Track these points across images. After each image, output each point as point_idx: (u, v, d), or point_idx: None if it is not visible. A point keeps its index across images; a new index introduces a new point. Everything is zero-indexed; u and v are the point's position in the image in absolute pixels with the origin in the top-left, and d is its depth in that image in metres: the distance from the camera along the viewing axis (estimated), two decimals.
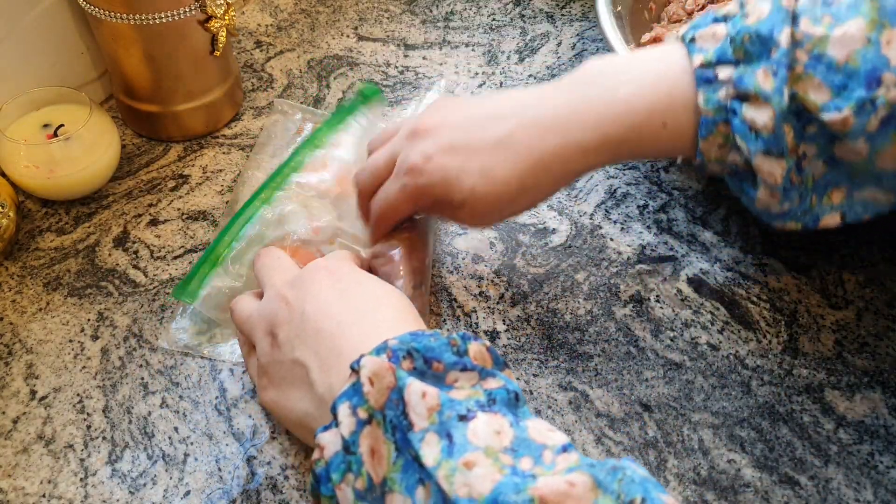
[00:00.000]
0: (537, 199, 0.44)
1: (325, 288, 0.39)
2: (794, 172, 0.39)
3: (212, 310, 0.48)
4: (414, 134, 0.44)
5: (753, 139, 0.38)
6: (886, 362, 0.49)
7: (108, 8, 0.52)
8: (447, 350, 0.33)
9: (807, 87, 0.36)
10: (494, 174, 0.41)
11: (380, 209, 0.46)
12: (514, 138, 0.41)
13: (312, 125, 0.61)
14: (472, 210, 0.42)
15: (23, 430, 0.44)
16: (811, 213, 0.41)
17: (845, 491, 0.43)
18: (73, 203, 0.57)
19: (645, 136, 0.40)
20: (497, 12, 0.75)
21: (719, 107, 0.38)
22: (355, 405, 0.32)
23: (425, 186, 0.42)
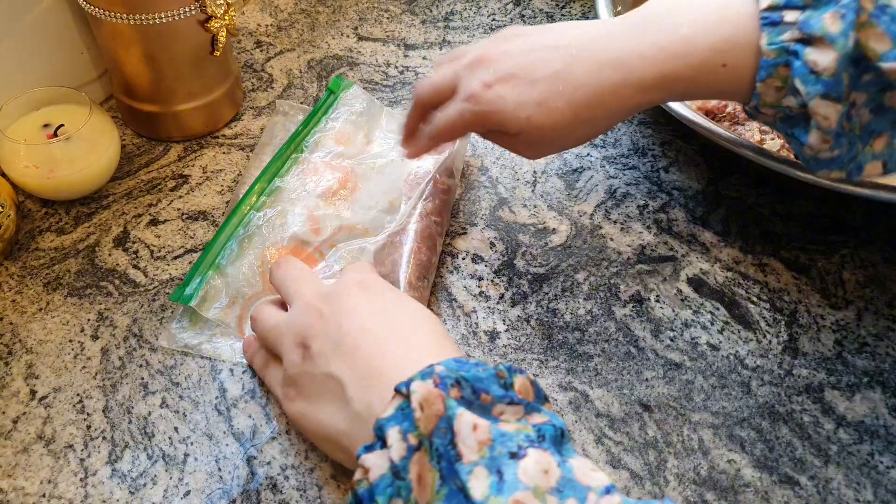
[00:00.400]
0: (591, 133, 0.45)
1: (362, 304, 0.39)
2: (845, 119, 0.39)
3: (209, 312, 0.49)
4: (478, 61, 0.45)
5: (813, 82, 0.38)
6: (886, 362, 0.49)
7: (107, 8, 0.52)
8: (495, 382, 0.33)
9: (869, 36, 0.37)
10: (550, 105, 0.42)
11: (440, 125, 0.47)
12: (572, 71, 0.42)
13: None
14: (528, 139, 0.44)
15: (23, 430, 0.44)
16: (856, 161, 0.42)
17: (845, 491, 0.43)
18: (73, 203, 0.57)
19: (703, 76, 0.41)
20: (497, 12, 0.75)
21: (782, 49, 0.39)
22: (406, 430, 0.31)
23: (483, 114, 0.44)
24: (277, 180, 0.56)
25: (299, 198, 0.55)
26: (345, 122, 0.60)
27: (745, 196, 0.59)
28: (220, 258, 0.51)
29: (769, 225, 0.57)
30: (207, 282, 0.50)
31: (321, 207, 0.55)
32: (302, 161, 0.57)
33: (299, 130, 0.59)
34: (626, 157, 0.62)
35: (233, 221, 0.53)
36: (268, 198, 0.55)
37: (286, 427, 0.45)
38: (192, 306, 0.48)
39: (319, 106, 0.61)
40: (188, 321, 0.49)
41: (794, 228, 0.57)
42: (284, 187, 0.55)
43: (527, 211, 0.57)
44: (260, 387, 0.47)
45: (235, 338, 0.48)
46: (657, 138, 0.63)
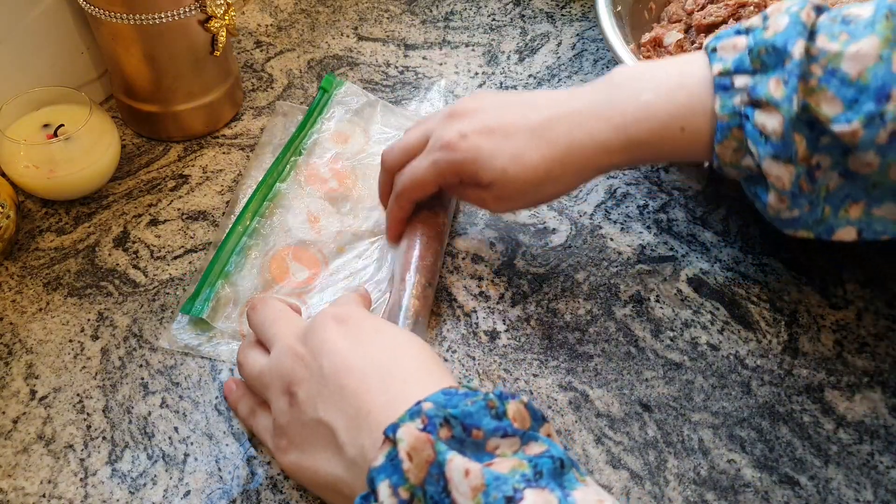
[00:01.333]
0: (559, 190, 0.46)
1: (340, 340, 0.38)
2: (805, 180, 0.40)
3: (219, 321, 0.49)
4: (451, 115, 0.46)
5: (763, 143, 0.40)
6: (886, 362, 0.49)
7: (108, 8, 0.52)
8: (486, 414, 0.32)
9: (820, 100, 0.38)
10: (525, 158, 0.44)
11: (406, 181, 0.48)
12: (546, 128, 0.44)
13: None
14: (500, 191, 0.45)
15: (23, 430, 0.44)
16: (824, 224, 0.42)
17: (845, 491, 0.43)
18: (73, 203, 0.57)
19: (664, 140, 0.43)
20: (497, 12, 0.75)
21: (734, 112, 0.41)
22: (395, 484, 0.30)
23: (457, 163, 0.45)
24: (279, 184, 0.56)
25: (301, 201, 0.55)
26: (340, 122, 0.60)
27: (745, 196, 0.59)
28: (228, 266, 0.51)
29: (769, 225, 0.57)
30: (217, 292, 0.49)
31: (321, 208, 0.55)
32: (301, 164, 0.57)
33: (297, 133, 0.59)
34: None
35: (238, 229, 0.53)
36: (270, 202, 0.55)
37: None
38: (205, 318, 0.48)
39: (314, 107, 0.61)
40: (188, 321, 0.49)
41: None
42: (286, 192, 0.55)
43: (527, 211, 0.57)
44: None
45: (235, 338, 0.48)
46: None
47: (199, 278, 0.51)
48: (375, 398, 0.35)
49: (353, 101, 0.62)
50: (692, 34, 0.65)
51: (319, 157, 0.58)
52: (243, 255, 0.52)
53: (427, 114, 0.64)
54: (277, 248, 0.52)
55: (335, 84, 0.63)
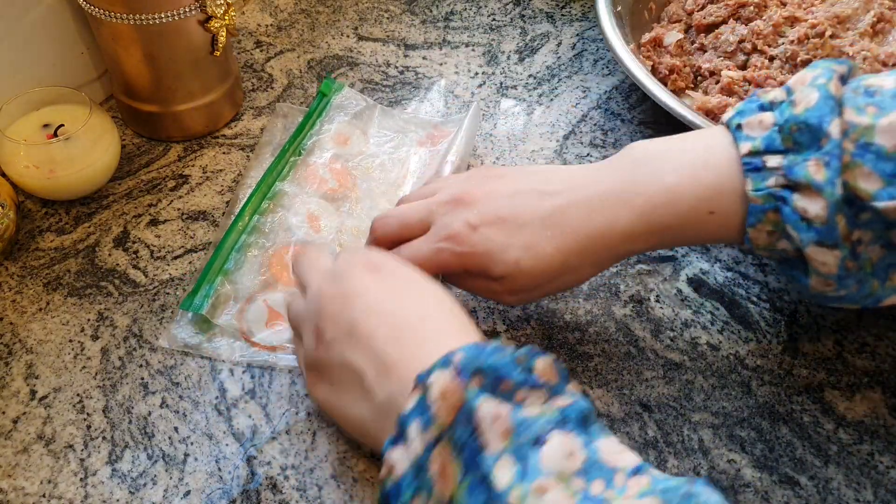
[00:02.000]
0: (578, 279, 0.44)
1: (370, 286, 0.38)
2: (850, 259, 0.38)
3: (219, 319, 0.49)
4: (458, 201, 0.43)
5: (805, 229, 0.37)
6: (886, 362, 0.49)
7: (108, 8, 0.52)
8: (514, 368, 0.32)
9: (856, 176, 0.36)
10: (540, 250, 0.41)
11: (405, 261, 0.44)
12: (562, 216, 0.41)
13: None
14: (512, 285, 0.42)
15: (23, 430, 0.44)
16: (872, 297, 0.40)
17: (845, 491, 0.43)
18: (73, 203, 0.57)
19: (691, 224, 0.40)
20: (497, 12, 0.75)
21: (768, 195, 0.38)
22: (424, 423, 0.31)
23: (465, 255, 0.42)
24: (278, 184, 0.56)
25: (300, 200, 0.55)
26: (339, 124, 0.61)
27: None
28: (228, 264, 0.51)
29: None
30: (216, 289, 0.50)
31: (321, 208, 0.55)
32: (300, 164, 0.57)
33: (296, 133, 0.59)
34: None
35: (237, 227, 0.53)
36: (270, 201, 0.55)
37: (286, 427, 0.45)
38: (204, 314, 0.48)
39: (313, 109, 0.61)
40: (188, 320, 0.49)
41: None
42: (286, 191, 0.56)
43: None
44: (260, 387, 0.47)
45: (235, 337, 0.49)
46: None
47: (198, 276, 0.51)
48: (405, 347, 0.35)
49: (351, 104, 0.62)
50: (692, 34, 0.65)
51: (319, 158, 0.58)
52: (243, 253, 0.52)
53: (427, 114, 0.64)
54: (277, 246, 0.53)
55: (334, 88, 0.63)
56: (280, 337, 0.48)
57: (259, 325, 0.49)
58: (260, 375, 0.47)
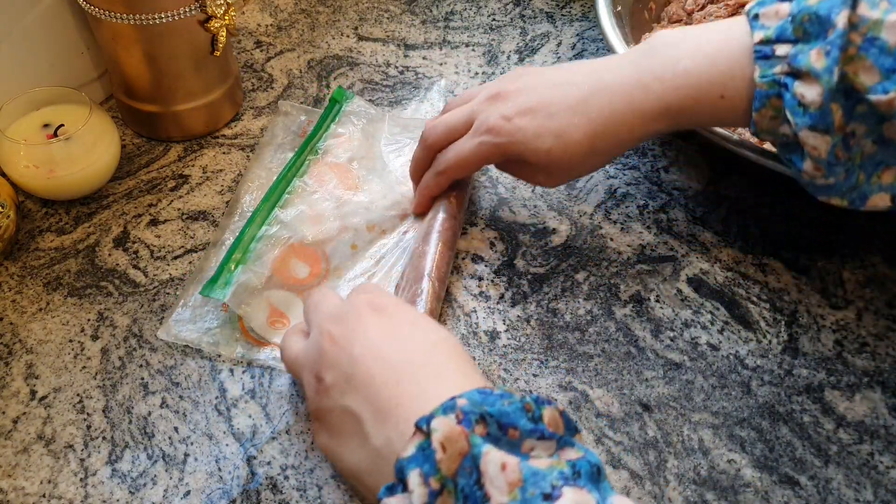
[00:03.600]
0: (603, 161, 0.48)
1: (374, 329, 0.37)
2: (841, 148, 0.40)
3: (238, 305, 0.49)
4: (495, 97, 0.47)
5: (801, 114, 0.40)
6: (886, 362, 0.49)
7: (108, 8, 0.52)
8: (522, 416, 0.31)
9: (858, 69, 0.38)
10: (569, 137, 0.45)
11: (451, 160, 0.49)
12: (587, 103, 0.45)
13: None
14: (547, 169, 0.47)
15: (23, 430, 0.44)
16: (858, 190, 0.42)
17: (845, 491, 0.43)
18: (73, 203, 0.57)
19: (703, 106, 0.43)
20: (497, 12, 0.75)
21: (773, 81, 0.41)
22: (427, 473, 0.29)
23: (503, 145, 0.46)
24: (297, 180, 0.56)
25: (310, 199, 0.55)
26: (353, 129, 0.61)
27: (745, 196, 0.59)
28: (248, 254, 0.51)
29: (769, 225, 0.57)
30: (237, 277, 0.49)
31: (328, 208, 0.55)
32: (314, 164, 0.58)
33: (313, 133, 0.59)
34: (626, 157, 0.62)
35: (256, 220, 0.53)
36: (289, 196, 0.55)
37: (286, 427, 0.45)
38: (226, 301, 0.48)
39: (327, 114, 0.61)
40: (188, 315, 0.49)
41: (794, 228, 0.57)
42: (304, 187, 0.56)
43: (527, 211, 0.57)
44: (260, 387, 0.47)
45: (232, 334, 0.48)
46: (657, 138, 0.63)
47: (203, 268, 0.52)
48: (405, 391, 0.34)
49: (360, 115, 0.62)
50: None
51: (334, 159, 0.58)
52: (261, 244, 0.52)
53: (426, 115, 0.64)
54: (288, 240, 0.53)
55: (346, 97, 0.62)
56: (280, 336, 0.48)
57: (260, 322, 0.49)
58: (260, 375, 0.47)
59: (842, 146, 0.40)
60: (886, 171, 0.42)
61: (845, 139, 0.40)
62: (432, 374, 0.35)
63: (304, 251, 0.52)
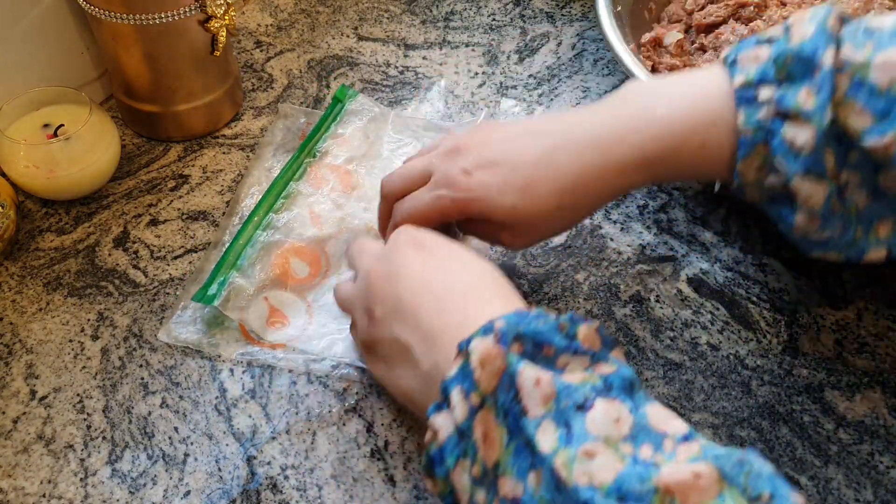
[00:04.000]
0: (576, 218, 0.45)
1: (416, 262, 0.39)
2: (836, 199, 0.38)
3: (231, 311, 0.49)
4: (455, 151, 0.44)
5: (793, 159, 0.37)
6: (886, 362, 0.49)
7: (108, 8, 0.52)
8: (556, 333, 0.32)
9: (848, 113, 0.36)
10: (535, 191, 0.42)
11: (406, 212, 0.45)
12: (554, 155, 0.42)
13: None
14: (512, 228, 0.43)
15: (23, 430, 0.44)
16: (856, 246, 0.40)
17: (845, 491, 0.43)
18: (73, 203, 0.57)
19: (683, 157, 0.40)
20: (497, 12, 0.75)
21: (759, 126, 0.38)
22: (467, 389, 0.31)
23: (461, 201, 0.42)
24: (293, 184, 0.56)
25: (310, 200, 0.55)
26: (354, 129, 0.61)
27: None
28: (241, 259, 0.51)
29: (769, 225, 0.57)
30: (230, 282, 0.50)
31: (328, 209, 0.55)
32: (313, 166, 0.58)
33: (311, 135, 0.60)
34: None
35: (252, 222, 0.53)
36: (285, 200, 0.55)
37: (286, 427, 0.45)
38: (216, 306, 0.48)
39: (328, 114, 0.61)
40: (189, 317, 0.49)
41: None
42: (300, 191, 0.56)
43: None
44: (260, 387, 0.47)
45: (232, 334, 0.48)
46: None
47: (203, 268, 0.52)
48: (449, 318, 0.36)
49: (365, 111, 0.62)
50: (692, 34, 0.65)
51: (332, 160, 0.58)
52: (255, 249, 0.52)
53: (426, 115, 0.64)
54: (283, 245, 0.53)
55: (349, 95, 0.63)
56: (280, 335, 0.48)
57: (260, 323, 0.49)
58: (260, 375, 0.47)
59: (836, 197, 0.38)
60: (882, 225, 0.39)
61: (840, 189, 0.38)
62: (474, 302, 0.37)
63: (303, 251, 0.53)
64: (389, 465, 0.43)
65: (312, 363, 0.47)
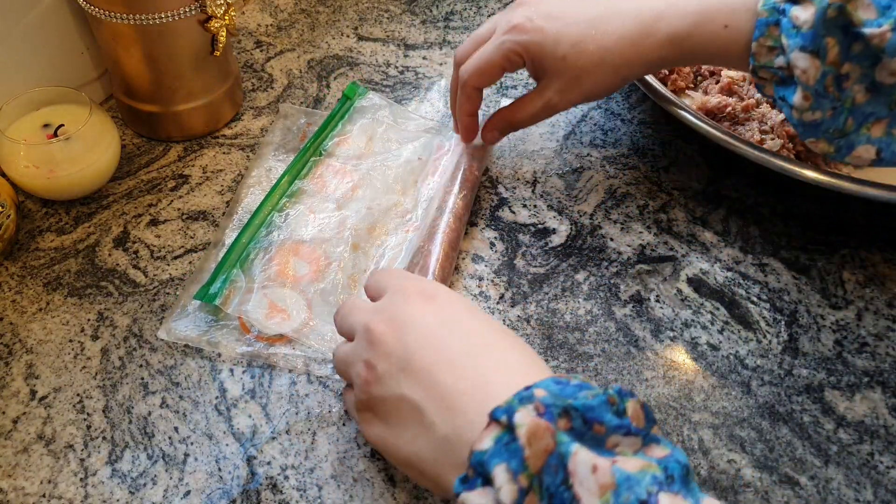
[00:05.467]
0: (612, 79, 0.50)
1: (427, 314, 0.37)
2: (833, 85, 0.43)
3: (233, 309, 0.49)
4: (517, 4, 0.51)
5: (794, 35, 0.43)
6: (886, 362, 0.49)
7: (108, 8, 0.52)
8: (607, 410, 0.30)
9: (857, 6, 0.41)
10: (584, 46, 0.48)
11: (474, 65, 0.51)
12: (603, 20, 0.48)
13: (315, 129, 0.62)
14: (560, 80, 0.50)
15: (23, 430, 0.44)
16: (846, 138, 0.45)
17: (845, 491, 0.43)
18: (73, 203, 0.57)
19: (707, 36, 0.46)
20: (497, 12, 0.75)
21: (773, 8, 0.44)
22: (515, 470, 0.28)
23: (523, 44, 0.49)
24: (298, 182, 0.56)
25: (314, 199, 0.55)
26: (361, 128, 0.61)
27: (745, 196, 0.59)
28: (243, 257, 0.51)
29: (769, 225, 0.57)
30: (232, 280, 0.50)
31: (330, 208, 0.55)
32: (318, 164, 0.58)
33: (319, 131, 0.60)
34: (626, 157, 0.62)
35: (255, 222, 0.53)
36: (289, 199, 0.55)
37: (286, 427, 0.45)
38: (217, 304, 0.48)
39: (336, 111, 0.61)
40: (189, 315, 0.49)
41: (794, 228, 0.57)
42: (305, 189, 0.56)
43: (527, 211, 0.57)
44: (260, 387, 0.47)
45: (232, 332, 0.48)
46: (657, 138, 0.63)
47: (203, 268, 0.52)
48: (469, 379, 0.34)
49: (373, 110, 0.62)
50: None
51: (336, 159, 0.58)
52: (257, 247, 0.52)
53: (427, 114, 0.64)
54: (285, 242, 0.53)
55: (359, 92, 0.63)
56: (280, 328, 0.48)
57: (259, 317, 0.49)
58: (260, 375, 0.47)
59: (834, 83, 0.43)
60: (876, 124, 0.44)
61: (839, 78, 0.42)
62: (495, 363, 0.34)
63: (304, 250, 0.53)
64: (389, 465, 0.43)
65: (312, 363, 0.48)
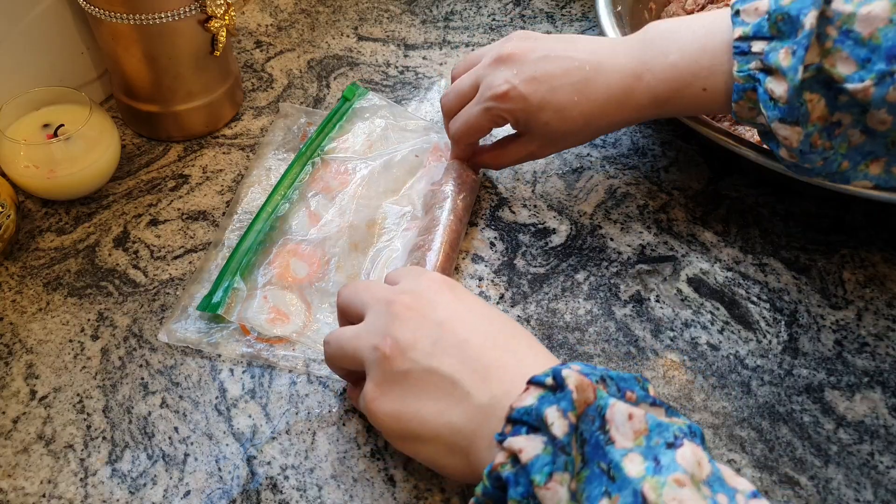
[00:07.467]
0: (593, 137, 0.52)
1: (453, 301, 0.39)
2: (821, 137, 0.43)
3: (235, 317, 0.49)
4: (499, 60, 0.50)
5: (772, 107, 0.43)
6: (886, 362, 0.49)
7: (108, 8, 0.52)
8: (635, 384, 0.33)
9: (835, 60, 0.41)
10: (567, 113, 0.49)
11: (462, 126, 0.53)
12: (588, 85, 0.49)
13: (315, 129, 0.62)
14: (543, 141, 0.52)
15: (23, 430, 0.44)
16: (840, 175, 0.46)
17: (845, 491, 0.43)
18: (73, 203, 0.57)
19: (687, 98, 0.47)
20: (497, 12, 0.75)
21: (749, 76, 0.44)
22: (565, 409, 0.31)
23: (508, 111, 0.50)
24: (297, 183, 0.56)
25: (313, 201, 0.55)
26: (361, 128, 0.61)
27: (745, 196, 0.59)
28: (244, 263, 0.51)
29: (769, 225, 0.57)
30: (234, 289, 0.50)
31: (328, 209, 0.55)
32: (317, 166, 0.58)
33: (315, 136, 0.60)
34: (626, 157, 0.62)
35: (255, 227, 0.53)
36: (288, 201, 0.55)
37: (286, 427, 0.45)
38: (220, 314, 0.48)
39: (334, 112, 0.61)
40: (188, 316, 0.49)
41: (794, 228, 0.57)
42: (303, 191, 0.56)
43: (527, 211, 0.57)
44: (260, 387, 0.47)
45: (232, 334, 0.48)
46: (657, 138, 0.63)
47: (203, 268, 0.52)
48: (504, 356, 0.36)
49: (372, 111, 0.62)
50: None
51: (335, 160, 0.58)
52: (257, 250, 0.52)
53: (427, 114, 0.64)
54: (285, 245, 0.53)
55: (358, 93, 0.63)
56: (280, 330, 0.48)
57: (260, 322, 0.49)
58: (260, 375, 0.47)
59: (822, 135, 0.43)
60: (875, 163, 0.44)
61: (829, 128, 0.43)
62: (524, 347, 0.37)
63: (303, 251, 0.53)
64: (389, 465, 0.43)
65: (312, 363, 0.48)
